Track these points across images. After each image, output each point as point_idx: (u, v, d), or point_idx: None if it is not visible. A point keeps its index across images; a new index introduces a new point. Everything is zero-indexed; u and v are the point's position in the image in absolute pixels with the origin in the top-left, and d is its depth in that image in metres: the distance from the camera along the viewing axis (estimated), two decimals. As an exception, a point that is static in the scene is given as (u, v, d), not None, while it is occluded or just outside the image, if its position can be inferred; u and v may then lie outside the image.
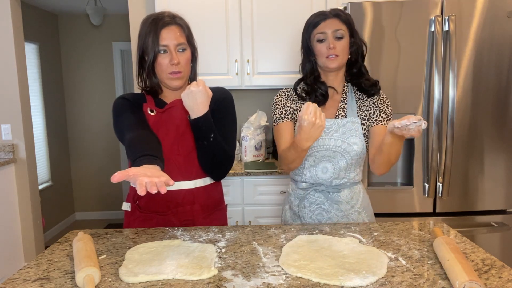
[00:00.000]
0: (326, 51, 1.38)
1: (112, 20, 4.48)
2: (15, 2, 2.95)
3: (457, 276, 0.82)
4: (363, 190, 1.52)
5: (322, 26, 1.39)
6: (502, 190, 2.15)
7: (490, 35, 2.06)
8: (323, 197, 1.46)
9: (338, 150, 1.41)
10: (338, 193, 1.45)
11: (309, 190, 1.48)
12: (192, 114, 1.29)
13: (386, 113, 1.44)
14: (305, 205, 1.48)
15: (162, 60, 1.29)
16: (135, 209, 1.38)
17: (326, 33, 1.38)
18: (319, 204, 1.46)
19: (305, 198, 1.48)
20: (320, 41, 1.40)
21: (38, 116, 4.05)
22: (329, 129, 1.42)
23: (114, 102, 1.38)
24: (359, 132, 1.42)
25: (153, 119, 1.34)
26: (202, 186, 1.38)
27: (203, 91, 1.26)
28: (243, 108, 2.91)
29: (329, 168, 1.43)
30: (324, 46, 1.38)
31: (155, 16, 1.31)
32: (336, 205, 1.45)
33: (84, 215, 4.76)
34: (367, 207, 1.52)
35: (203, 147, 1.32)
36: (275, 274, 0.92)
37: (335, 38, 1.38)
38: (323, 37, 1.39)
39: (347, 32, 1.40)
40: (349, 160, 1.42)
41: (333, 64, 1.39)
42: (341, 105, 1.46)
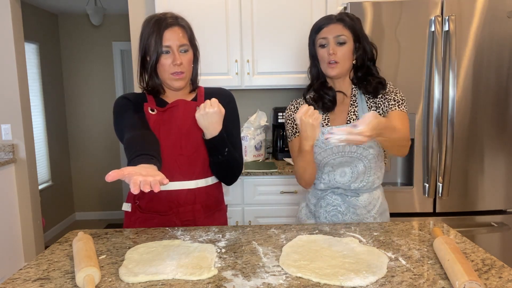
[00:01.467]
0: (327, 56, 1.37)
1: (112, 20, 4.48)
2: (15, 2, 2.95)
3: (457, 276, 0.82)
4: (382, 196, 1.49)
5: (324, 31, 1.38)
6: (502, 190, 2.15)
7: (490, 35, 2.06)
8: (340, 199, 1.45)
9: (354, 155, 1.39)
10: (357, 197, 1.43)
11: (327, 191, 1.47)
12: (207, 134, 1.30)
13: (395, 100, 1.38)
14: (322, 205, 1.48)
15: (164, 60, 1.29)
16: (136, 209, 1.38)
17: (328, 38, 1.37)
18: (336, 206, 1.45)
19: (322, 198, 1.48)
20: (322, 46, 1.39)
21: (38, 116, 4.05)
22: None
23: (115, 101, 1.38)
24: None
25: (154, 118, 1.34)
26: (203, 187, 1.38)
27: (217, 112, 1.27)
28: (243, 108, 2.90)
29: (347, 172, 1.42)
30: (326, 51, 1.38)
31: (157, 17, 1.31)
32: (353, 209, 1.43)
33: (84, 215, 4.76)
34: (384, 213, 1.49)
35: (217, 161, 1.35)
36: (275, 274, 0.92)
37: (337, 43, 1.37)
38: (324, 42, 1.38)
39: (351, 37, 1.38)
40: (367, 163, 1.40)
41: (332, 72, 1.39)
42: (351, 108, 1.44)
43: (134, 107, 1.35)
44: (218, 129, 1.29)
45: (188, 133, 1.33)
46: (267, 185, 2.41)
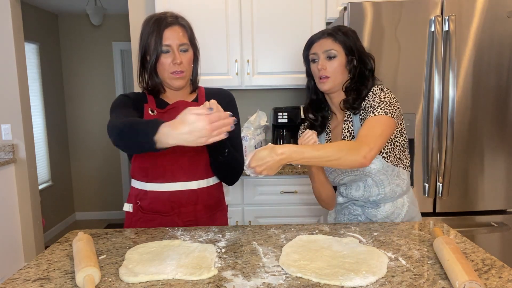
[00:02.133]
0: (317, 72, 1.36)
1: (112, 20, 4.48)
2: (15, 2, 2.95)
3: (457, 276, 0.82)
4: (409, 202, 1.41)
5: (315, 47, 1.37)
6: (502, 190, 2.15)
7: (490, 35, 2.06)
8: (360, 210, 1.43)
9: (358, 174, 1.36)
10: (377, 209, 1.39)
11: (348, 203, 1.46)
12: None
13: (372, 106, 1.29)
14: (345, 213, 1.48)
15: (164, 59, 1.29)
16: (138, 210, 1.38)
17: (318, 54, 1.36)
18: (356, 216, 1.44)
19: (345, 208, 1.48)
20: (313, 62, 1.38)
21: (38, 116, 4.05)
22: None
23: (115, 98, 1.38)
24: None
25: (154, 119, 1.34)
26: (205, 187, 1.39)
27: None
28: (243, 108, 2.89)
29: (361, 186, 1.40)
30: (316, 66, 1.36)
31: (157, 16, 1.31)
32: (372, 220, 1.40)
33: (84, 215, 4.76)
34: (412, 220, 1.41)
35: (218, 162, 1.35)
36: (275, 274, 0.92)
37: (327, 58, 1.34)
38: (315, 57, 1.37)
39: (342, 51, 1.34)
40: (375, 177, 1.36)
41: (324, 87, 1.36)
42: (345, 125, 1.40)
43: (133, 105, 1.34)
44: None
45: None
46: (267, 185, 2.41)
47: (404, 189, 1.40)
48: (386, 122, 1.25)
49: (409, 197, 1.42)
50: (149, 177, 1.34)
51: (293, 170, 2.38)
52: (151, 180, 1.34)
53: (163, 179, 1.34)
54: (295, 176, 2.39)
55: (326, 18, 2.55)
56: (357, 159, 1.16)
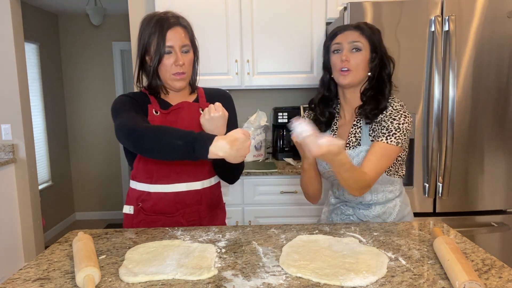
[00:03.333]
0: (339, 63, 1.30)
1: (112, 20, 4.48)
2: (15, 2, 2.95)
3: (457, 276, 0.82)
4: (401, 202, 1.41)
5: (339, 37, 1.32)
6: (502, 190, 2.15)
7: (490, 35, 2.06)
8: (352, 210, 1.44)
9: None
10: (368, 210, 1.40)
11: (339, 204, 1.48)
12: None
13: (388, 128, 1.27)
14: (338, 213, 1.48)
15: (166, 60, 1.28)
16: (139, 211, 1.37)
17: (342, 44, 1.31)
18: (349, 215, 1.45)
19: (337, 208, 1.49)
20: (336, 52, 1.33)
21: (38, 116, 4.05)
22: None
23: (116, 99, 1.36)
24: None
25: (158, 120, 1.33)
26: (208, 187, 1.40)
27: (222, 116, 1.26)
28: (243, 108, 2.90)
29: None
30: (338, 57, 1.31)
31: (159, 16, 1.30)
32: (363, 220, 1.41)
33: (84, 215, 4.76)
34: (403, 219, 1.41)
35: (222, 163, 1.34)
36: (275, 274, 0.92)
37: (351, 50, 1.30)
38: (338, 47, 1.32)
39: (368, 45, 1.30)
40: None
41: (344, 80, 1.31)
42: (353, 130, 1.36)
43: (136, 105, 1.33)
44: (223, 133, 1.29)
45: None
46: (267, 185, 2.41)
47: (396, 194, 1.41)
48: (394, 154, 1.27)
49: (401, 198, 1.42)
50: (153, 179, 1.34)
51: (293, 170, 2.38)
52: (155, 182, 1.34)
53: (168, 180, 1.34)
54: (295, 176, 2.39)
55: (326, 18, 2.55)
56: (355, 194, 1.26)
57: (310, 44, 2.58)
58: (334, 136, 1.42)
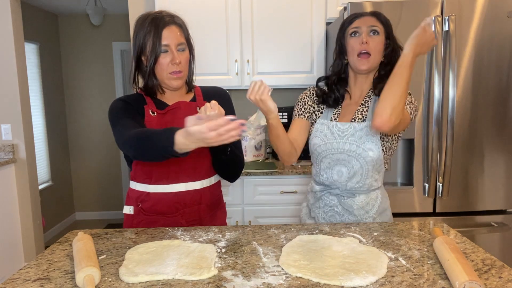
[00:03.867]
0: (358, 46, 1.33)
1: (112, 20, 4.48)
2: (15, 2, 2.95)
3: (457, 276, 0.82)
4: (382, 195, 1.46)
5: (357, 22, 1.36)
6: (502, 190, 2.15)
7: (490, 35, 2.06)
8: (337, 200, 1.44)
9: (352, 154, 1.37)
10: (353, 199, 1.41)
11: (323, 192, 1.47)
12: None
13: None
14: (320, 206, 1.48)
15: (162, 59, 1.28)
16: (139, 212, 1.37)
17: (361, 28, 1.34)
18: (332, 207, 1.45)
19: (320, 199, 1.48)
20: (354, 34, 1.36)
21: (38, 116, 4.05)
22: (344, 133, 1.38)
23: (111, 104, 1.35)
24: (376, 138, 1.36)
25: (155, 121, 1.33)
26: (207, 186, 1.39)
27: (218, 114, 1.26)
28: (243, 108, 2.90)
29: (344, 172, 1.41)
30: (357, 40, 1.34)
31: (153, 16, 1.29)
32: (349, 210, 1.42)
33: (84, 215, 4.76)
34: (384, 213, 1.46)
35: (221, 161, 1.36)
36: (275, 274, 0.92)
37: (369, 33, 1.34)
38: (357, 30, 1.35)
39: (383, 31, 1.36)
40: (364, 165, 1.37)
41: (363, 66, 1.34)
42: (361, 108, 1.41)
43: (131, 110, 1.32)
44: None
45: None
46: (267, 185, 2.41)
47: (378, 185, 1.45)
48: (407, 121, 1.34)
49: (381, 191, 1.47)
50: (152, 179, 1.34)
51: (293, 170, 2.38)
52: (154, 182, 1.34)
53: (167, 181, 1.33)
54: (295, 176, 2.39)
55: (326, 18, 2.55)
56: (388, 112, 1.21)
57: (310, 44, 2.58)
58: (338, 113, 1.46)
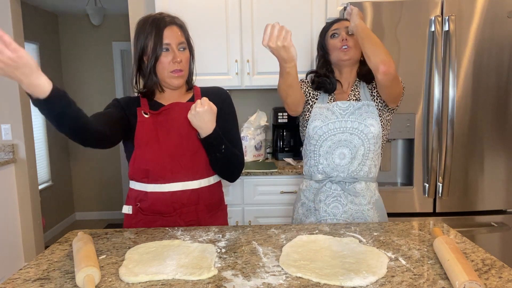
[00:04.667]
0: (339, 44, 1.48)
1: (112, 20, 4.48)
2: (15, 2, 2.95)
3: (457, 276, 0.82)
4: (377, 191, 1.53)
5: (336, 25, 1.52)
6: (502, 190, 2.15)
7: (490, 35, 2.06)
8: (340, 188, 1.46)
9: (355, 132, 1.44)
10: (355, 184, 1.46)
11: (325, 181, 1.48)
12: (202, 133, 1.30)
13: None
14: (321, 199, 1.49)
15: (164, 58, 1.29)
16: (138, 211, 1.37)
17: (339, 29, 1.50)
18: (336, 197, 1.47)
19: (320, 191, 1.49)
20: (333, 36, 1.51)
21: (38, 116, 4.05)
22: (345, 111, 1.46)
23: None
24: (375, 114, 1.46)
25: (148, 121, 1.34)
26: (206, 186, 1.39)
27: (208, 110, 1.26)
28: (243, 108, 2.91)
29: (347, 153, 1.45)
30: (337, 40, 1.50)
31: (154, 17, 1.32)
32: (352, 197, 1.46)
33: (84, 215, 4.76)
34: (380, 207, 1.53)
35: (216, 159, 1.35)
36: (275, 274, 0.92)
37: (347, 33, 1.49)
38: (336, 32, 1.51)
39: None
40: (367, 143, 1.44)
41: (345, 56, 1.48)
42: (352, 92, 1.53)
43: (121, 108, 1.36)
44: (212, 127, 1.29)
45: (189, 133, 1.33)
46: (267, 185, 2.41)
47: (375, 175, 1.52)
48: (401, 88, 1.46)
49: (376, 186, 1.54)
50: (149, 178, 1.34)
51: (293, 170, 2.38)
52: (151, 181, 1.34)
53: (164, 180, 1.33)
54: (295, 176, 2.39)
55: (326, 18, 2.55)
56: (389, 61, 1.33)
57: (310, 44, 2.58)
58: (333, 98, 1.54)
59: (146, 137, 1.33)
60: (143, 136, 1.33)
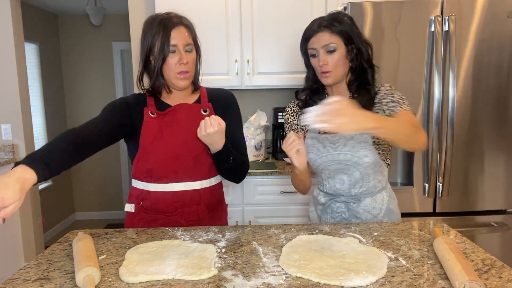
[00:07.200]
0: (319, 67, 1.34)
1: (112, 20, 4.48)
2: (15, 2, 2.95)
3: (457, 276, 0.82)
4: (388, 197, 1.43)
5: (312, 41, 1.34)
6: (502, 190, 2.15)
7: (490, 35, 2.06)
8: (344, 206, 1.43)
9: (349, 163, 1.36)
10: (359, 204, 1.40)
11: (330, 201, 1.46)
12: (212, 149, 1.32)
13: (393, 101, 1.31)
14: (328, 212, 1.47)
15: (170, 59, 1.29)
16: (140, 210, 1.38)
17: (317, 49, 1.33)
18: (340, 213, 1.44)
19: (328, 207, 1.47)
20: (313, 56, 1.36)
21: (38, 116, 4.05)
22: (336, 144, 1.36)
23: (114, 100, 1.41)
24: (368, 143, 1.33)
25: (155, 121, 1.34)
26: (207, 187, 1.40)
27: (218, 131, 1.26)
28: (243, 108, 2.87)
29: (345, 179, 1.40)
30: (317, 61, 1.34)
31: (162, 17, 1.30)
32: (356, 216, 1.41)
33: (84, 215, 4.76)
34: (392, 214, 1.43)
35: (224, 167, 1.38)
36: (275, 274, 0.92)
37: (327, 52, 1.31)
38: (314, 52, 1.34)
39: (341, 42, 1.31)
40: (363, 171, 1.36)
41: (327, 81, 1.35)
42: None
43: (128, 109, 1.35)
44: (222, 144, 1.31)
45: (194, 135, 1.33)
46: (267, 185, 2.41)
47: (383, 184, 1.43)
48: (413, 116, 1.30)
49: (387, 191, 1.44)
50: (153, 178, 1.35)
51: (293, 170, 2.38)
52: (154, 181, 1.35)
53: (166, 180, 1.34)
54: (295, 176, 2.39)
55: (326, 18, 2.55)
56: (422, 140, 1.19)
57: (310, 44, 2.58)
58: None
59: (151, 137, 1.33)
60: (149, 136, 1.33)
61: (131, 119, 1.36)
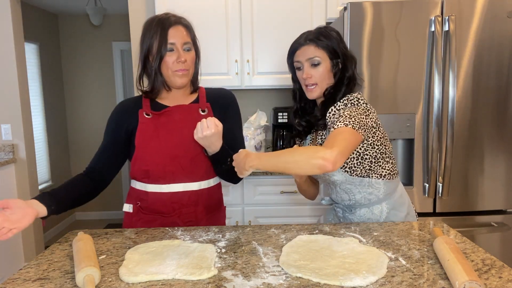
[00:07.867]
0: (303, 80, 1.34)
1: (112, 20, 4.48)
2: (15, 2, 2.95)
3: (457, 276, 0.82)
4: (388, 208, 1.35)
5: (298, 54, 1.34)
6: (502, 190, 2.15)
7: (490, 35, 2.06)
8: (342, 212, 1.46)
9: (326, 181, 1.40)
10: (353, 213, 1.39)
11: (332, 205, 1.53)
12: (209, 151, 1.32)
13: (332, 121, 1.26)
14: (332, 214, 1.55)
15: (168, 58, 1.29)
16: (138, 210, 1.38)
17: (301, 62, 1.33)
18: (339, 218, 1.49)
19: (332, 209, 1.55)
20: (298, 69, 1.36)
21: (38, 116, 4.05)
22: None
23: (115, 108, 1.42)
24: None
25: (149, 122, 1.34)
26: (206, 188, 1.39)
27: (215, 133, 1.26)
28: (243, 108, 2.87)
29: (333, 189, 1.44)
30: (301, 74, 1.34)
31: (160, 17, 1.31)
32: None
33: (84, 215, 4.76)
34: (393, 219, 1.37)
35: (221, 169, 1.38)
36: (275, 274, 0.92)
37: (311, 65, 1.31)
38: (299, 65, 1.34)
39: (326, 55, 1.31)
40: (342, 186, 1.35)
41: (313, 94, 1.34)
42: (321, 132, 1.38)
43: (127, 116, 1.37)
44: (219, 145, 1.31)
45: (190, 136, 1.32)
46: (267, 185, 2.41)
47: (380, 196, 1.35)
48: (348, 131, 1.17)
49: (389, 204, 1.36)
50: (150, 179, 1.34)
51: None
52: (152, 182, 1.34)
53: (164, 181, 1.34)
54: (295, 176, 2.39)
55: (326, 18, 2.55)
56: (317, 162, 1.07)
57: (310, 44, 2.58)
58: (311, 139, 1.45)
59: (147, 138, 1.33)
60: (144, 137, 1.33)
61: (127, 122, 1.36)
